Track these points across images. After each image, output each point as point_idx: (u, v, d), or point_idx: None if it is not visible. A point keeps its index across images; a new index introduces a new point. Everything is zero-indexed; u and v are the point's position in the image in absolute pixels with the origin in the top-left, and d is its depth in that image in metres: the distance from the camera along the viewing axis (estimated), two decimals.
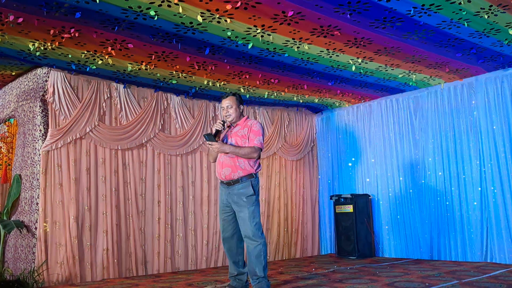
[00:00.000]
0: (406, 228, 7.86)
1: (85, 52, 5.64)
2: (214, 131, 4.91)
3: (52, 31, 5.00)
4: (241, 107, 5.10)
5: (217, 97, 7.78)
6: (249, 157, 4.85)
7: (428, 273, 5.88)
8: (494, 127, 6.91)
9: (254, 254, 4.77)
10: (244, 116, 5.12)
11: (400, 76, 7.16)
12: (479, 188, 7.02)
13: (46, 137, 6.10)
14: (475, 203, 7.05)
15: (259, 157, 4.95)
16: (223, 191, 5.00)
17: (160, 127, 7.19)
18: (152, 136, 7.07)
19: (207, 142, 4.83)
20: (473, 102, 7.21)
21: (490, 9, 4.90)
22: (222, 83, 7.04)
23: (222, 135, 5.04)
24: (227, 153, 4.85)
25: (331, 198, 8.56)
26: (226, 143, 4.93)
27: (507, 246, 6.65)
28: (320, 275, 6.14)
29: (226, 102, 5.02)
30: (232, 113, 4.99)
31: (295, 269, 6.85)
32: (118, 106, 6.79)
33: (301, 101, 8.53)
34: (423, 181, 7.71)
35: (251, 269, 4.82)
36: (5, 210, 6.29)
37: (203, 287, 5.45)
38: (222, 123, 4.93)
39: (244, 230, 4.83)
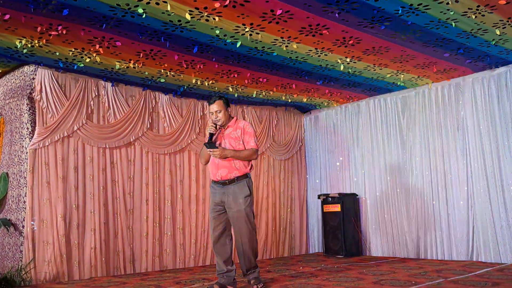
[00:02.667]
0: (393, 227, 7.90)
1: (73, 49, 5.62)
2: (208, 135, 5.02)
3: (39, 28, 4.98)
4: (229, 109, 5.20)
5: (206, 96, 7.77)
6: (250, 159, 5.09)
7: (414, 272, 5.92)
8: (481, 127, 6.96)
9: (249, 252, 5.05)
10: (233, 118, 5.24)
11: (388, 76, 7.19)
12: (465, 188, 7.07)
13: (33, 135, 6.06)
14: (461, 202, 7.10)
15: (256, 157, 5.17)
16: (216, 190, 5.09)
17: (148, 126, 7.18)
18: (140, 135, 7.05)
19: (208, 150, 4.93)
20: (460, 102, 7.26)
21: (477, 10, 4.93)
22: (211, 82, 7.04)
23: (214, 137, 5.13)
24: (228, 157, 4.97)
25: (319, 197, 8.58)
26: (220, 145, 5.07)
27: (493, 245, 6.70)
28: (308, 273, 6.16)
29: (215, 107, 5.09)
30: (221, 117, 5.09)
31: (283, 267, 6.87)
32: (106, 104, 6.77)
33: (289, 101, 8.55)
34: (410, 181, 7.75)
35: (246, 265, 5.11)
36: None
37: (191, 285, 5.45)
38: (214, 125, 5.05)
39: (240, 230, 5.01)
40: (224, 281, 5.04)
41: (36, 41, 5.31)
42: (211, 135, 5.02)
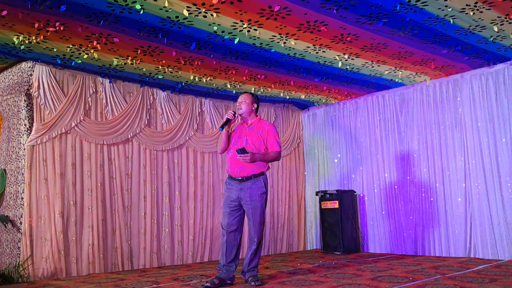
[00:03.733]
0: (391, 224, 7.91)
1: (70, 46, 5.60)
2: (225, 120, 5.16)
3: (36, 25, 4.96)
4: (255, 105, 5.32)
5: (204, 93, 7.77)
6: (275, 160, 5.33)
7: (412, 268, 5.93)
8: (479, 124, 6.97)
9: (255, 249, 5.16)
10: (257, 116, 5.34)
11: (386, 72, 7.19)
12: (463, 184, 7.08)
13: (31, 131, 6.06)
14: (459, 199, 7.11)
15: None
16: (233, 187, 5.19)
17: (146, 122, 7.17)
18: (138, 131, 7.05)
19: (238, 156, 5.01)
20: (458, 98, 7.26)
21: (475, 6, 4.93)
22: (209, 78, 7.02)
23: (232, 126, 5.33)
24: (257, 161, 5.10)
25: (316, 194, 8.59)
26: (241, 140, 5.20)
27: (490, 241, 6.71)
28: (305, 270, 6.16)
29: (241, 97, 5.32)
30: (243, 107, 5.26)
31: (281, 264, 6.88)
32: (104, 101, 6.76)
33: (287, 97, 8.54)
34: (408, 177, 7.76)
35: (249, 261, 5.18)
36: None
37: (189, 281, 5.46)
38: (233, 113, 5.18)
39: (253, 226, 5.15)
40: (224, 276, 5.07)
41: (33, 38, 5.30)
42: (228, 120, 5.14)
